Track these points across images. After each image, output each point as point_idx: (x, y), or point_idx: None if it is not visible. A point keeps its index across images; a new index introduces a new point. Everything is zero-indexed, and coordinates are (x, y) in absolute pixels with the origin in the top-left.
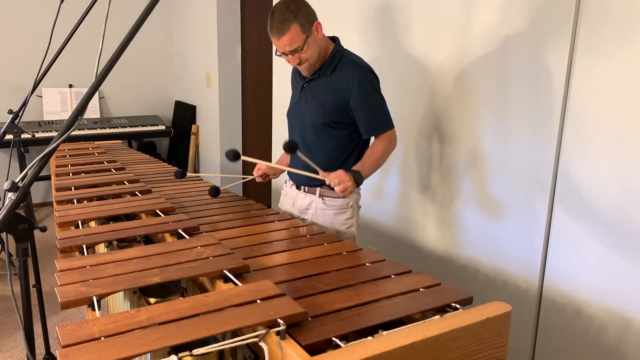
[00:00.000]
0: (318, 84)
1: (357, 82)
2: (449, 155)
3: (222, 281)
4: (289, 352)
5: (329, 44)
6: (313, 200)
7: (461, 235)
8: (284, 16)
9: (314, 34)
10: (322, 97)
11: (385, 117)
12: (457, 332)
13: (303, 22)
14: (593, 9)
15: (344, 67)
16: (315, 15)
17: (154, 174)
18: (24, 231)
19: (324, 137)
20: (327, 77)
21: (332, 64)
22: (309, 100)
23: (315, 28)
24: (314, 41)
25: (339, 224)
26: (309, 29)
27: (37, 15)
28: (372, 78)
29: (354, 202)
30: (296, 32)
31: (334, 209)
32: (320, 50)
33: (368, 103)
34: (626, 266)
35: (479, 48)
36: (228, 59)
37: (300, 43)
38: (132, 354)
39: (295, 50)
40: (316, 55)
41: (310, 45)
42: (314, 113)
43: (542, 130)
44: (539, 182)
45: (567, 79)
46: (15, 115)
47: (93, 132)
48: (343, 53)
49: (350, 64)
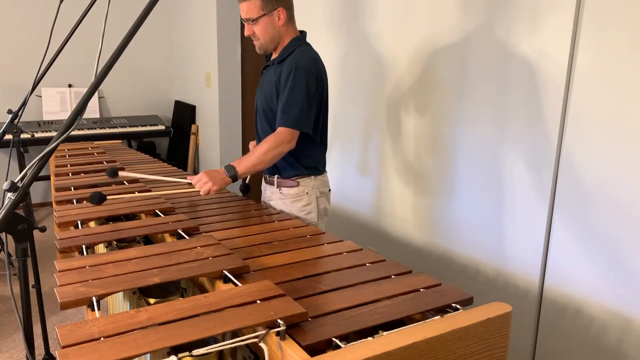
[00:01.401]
0: (270, 71)
1: (287, 74)
2: (449, 156)
3: (221, 281)
4: (289, 352)
5: (289, 33)
6: (273, 191)
7: (462, 236)
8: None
9: (272, 17)
10: (268, 85)
11: (290, 112)
12: (457, 333)
13: (266, 1)
14: (594, 6)
15: (290, 59)
16: (286, 2)
17: (153, 174)
18: (24, 231)
19: (271, 125)
20: (278, 65)
21: (285, 53)
22: (261, 86)
23: (277, 12)
24: (269, 22)
25: (297, 211)
26: (269, 8)
27: (36, 15)
28: (305, 76)
29: (310, 189)
30: (255, 4)
31: (290, 197)
32: (274, 35)
33: (287, 95)
34: (626, 266)
35: (479, 48)
36: (228, 59)
37: (254, 15)
38: (132, 355)
39: (247, 20)
40: (268, 37)
41: (263, 24)
42: (262, 99)
43: (542, 131)
44: (540, 182)
45: (567, 79)
46: (15, 115)
47: (92, 132)
48: (297, 47)
49: (294, 57)
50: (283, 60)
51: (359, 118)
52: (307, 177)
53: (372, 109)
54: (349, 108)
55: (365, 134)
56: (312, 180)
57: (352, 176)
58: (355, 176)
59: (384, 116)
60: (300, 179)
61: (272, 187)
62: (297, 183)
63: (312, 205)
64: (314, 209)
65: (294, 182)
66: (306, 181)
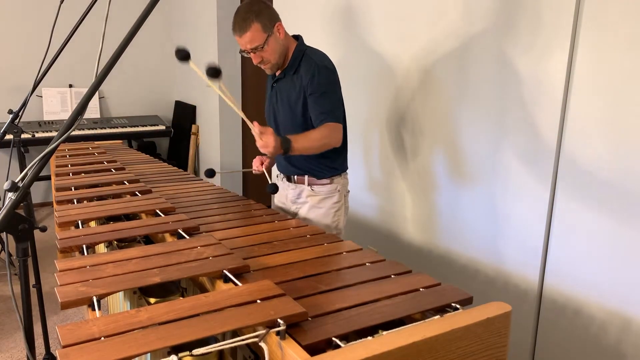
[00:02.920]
0: (284, 83)
1: (310, 77)
2: (449, 156)
3: (222, 281)
4: (289, 352)
5: (291, 43)
6: (303, 189)
7: (461, 236)
8: (246, 15)
9: (275, 34)
10: (288, 98)
11: (330, 109)
12: (457, 332)
13: (264, 21)
14: (594, 7)
15: (303, 66)
16: (277, 16)
17: (154, 174)
18: (24, 231)
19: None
20: (292, 76)
21: (294, 63)
22: (279, 100)
23: (276, 28)
24: (275, 40)
25: (327, 209)
26: (270, 29)
27: (37, 15)
28: (326, 73)
29: (341, 186)
30: (257, 30)
31: (322, 194)
32: (282, 50)
33: (319, 97)
34: (626, 266)
35: (478, 50)
36: (228, 59)
37: (261, 42)
38: (132, 354)
39: (255, 49)
40: (277, 54)
41: (271, 44)
42: (285, 113)
43: (542, 131)
44: (539, 182)
45: (567, 76)
46: (15, 115)
47: (93, 132)
48: (305, 52)
49: (308, 61)
50: (297, 69)
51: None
52: (337, 176)
53: (371, 110)
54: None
55: (365, 134)
56: (342, 179)
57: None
58: (356, 176)
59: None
60: (332, 177)
61: (302, 185)
62: (330, 180)
63: (341, 202)
64: (342, 207)
65: (328, 180)
66: (337, 179)
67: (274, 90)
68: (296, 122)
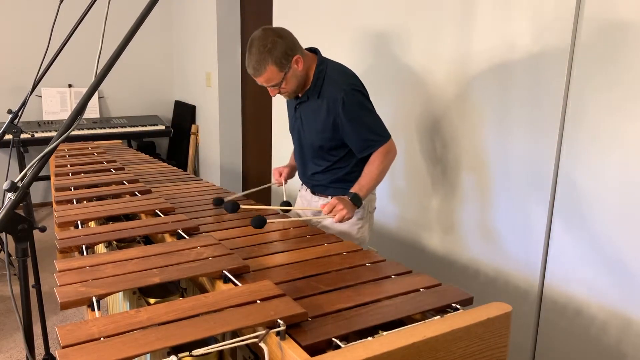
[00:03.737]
0: (308, 106)
1: (341, 105)
2: (449, 157)
3: (222, 281)
4: (289, 352)
5: (310, 66)
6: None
7: (462, 236)
8: (260, 56)
9: (293, 68)
10: (314, 121)
11: (376, 134)
12: (457, 333)
13: (279, 60)
14: (593, 12)
15: (328, 89)
16: (293, 46)
17: (153, 174)
18: (24, 231)
19: (326, 159)
20: (316, 99)
21: (317, 85)
22: (304, 122)
23: (294, 62)
24: (292, 75)
25: (350, 225)
26: (286, 66)
27: (36, 15)
28: (357, 96)
29: (366, 203)
30: (272, 71)
31: None
32: (301, 80)
33: (356, 125)
34: (626, 266)
35: (479, 53)
36: (228, 59)
37: (278, 80)
38: (132, 355)
39: (273, 86)
40: (296, 85)
41: (289, 80)
42: (311, 136)
43: (542, 131)
44: (539, 182)
45: (566, 82)
46: (15, 115)
47: (92, 132)
48: (326, 73)
49: (333, 85)
50: (320, 92)
51: None
52: None
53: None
54: None
55: None
56: None
57: None
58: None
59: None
60: None
61: (326, 199)
62: None
63: (364, 219)
64: (366, 224)
65: None
66: None
67: (297, 112)
68: (324, 144)
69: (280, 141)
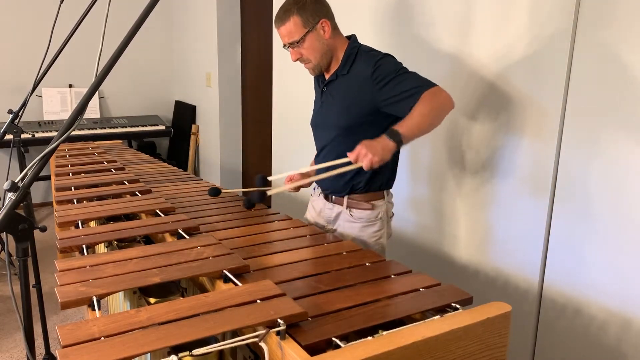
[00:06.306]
0: (337, 85)
1: (373, 68)
2: (449, 157)
3: (222, 281)
4: (289, 352)
5: (340, 43)
6: (341, 211)
7: (461, 235)
8: (289, 6)
9: (317, 31)
10: (343, 98)
11: (418, 82)
12: (457, 332)
13: (306, 16)
14: (593, 8)
15: (360, 62)
16: (325, 13)
17: (154, 174)
18: (24, 231)
19: (353, 141)
20: (345, 76)
21: (348, 62)
22: (330, 104)
23: (320, 25)
24: (316, 38)
25: (367, 237)
26: (312, 24)
27: (37, 15)
28: (390, 58)
29: (384, 213)
30: (296, 24)
31: (362, 222)
32: (324, 50)
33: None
34: (626, 266)
35: (479, 50)
36: (228, 59)
37: (299, 36)
38: (132, 354)
39: (292, 44)
40: (318, 53)
41: (310, 40)
42: (339, 116)
43: (541, 130)
44: (539, 182)
45: (567, 79)
46: (15, 115)
47: (93, 132)
48: (358, 50)
49: (365, 56)
50: (350, 68)
51: None
52: (380, 200)
53: None
54: None
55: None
56: (385, 204)
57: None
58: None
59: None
60: (374, 201)
61: (340, 207)
62: (371, 206)
63: (383, 230)
64: (384, 234)
65: (368, 205)
66: (380, 204)
67: (324, 96)
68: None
69: (280, 141)
